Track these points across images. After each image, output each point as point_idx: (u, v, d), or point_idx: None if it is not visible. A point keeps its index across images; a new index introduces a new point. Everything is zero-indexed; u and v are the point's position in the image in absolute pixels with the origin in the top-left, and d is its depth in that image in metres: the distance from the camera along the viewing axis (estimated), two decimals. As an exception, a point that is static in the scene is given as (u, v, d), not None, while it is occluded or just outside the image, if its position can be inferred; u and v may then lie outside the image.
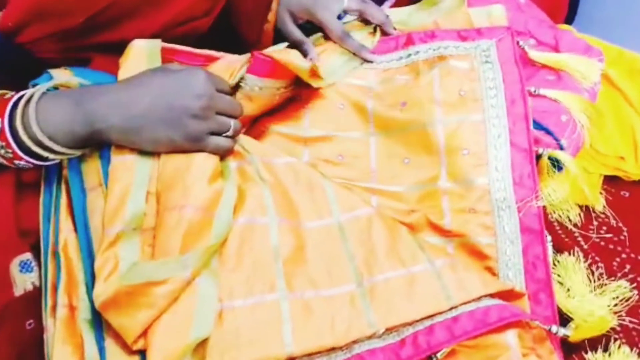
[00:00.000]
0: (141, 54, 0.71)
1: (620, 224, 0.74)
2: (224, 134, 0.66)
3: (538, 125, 0.74)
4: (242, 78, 0.72)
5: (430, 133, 0.74)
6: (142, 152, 0.65)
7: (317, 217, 0.66)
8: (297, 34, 0.82)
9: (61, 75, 0.68)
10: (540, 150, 0.72)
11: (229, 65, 0.74)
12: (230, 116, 0.67)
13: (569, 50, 0.81)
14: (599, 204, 0.73)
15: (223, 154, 0.67)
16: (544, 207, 0.71)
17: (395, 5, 0.95)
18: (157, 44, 0.72)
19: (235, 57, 0.76)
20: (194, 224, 0.60)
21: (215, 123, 0.65)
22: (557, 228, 0.73)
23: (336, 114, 0.78)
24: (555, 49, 0.81)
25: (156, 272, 0.56)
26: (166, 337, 0.57)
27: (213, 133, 0.66)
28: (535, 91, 0.76)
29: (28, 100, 0.62)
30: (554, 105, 0.75)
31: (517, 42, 0.78)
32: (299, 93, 0.78)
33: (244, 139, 0.72)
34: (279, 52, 0.75)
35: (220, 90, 0.67)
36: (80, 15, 0.69)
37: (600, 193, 0.75)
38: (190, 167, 0.63)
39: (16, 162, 0.63)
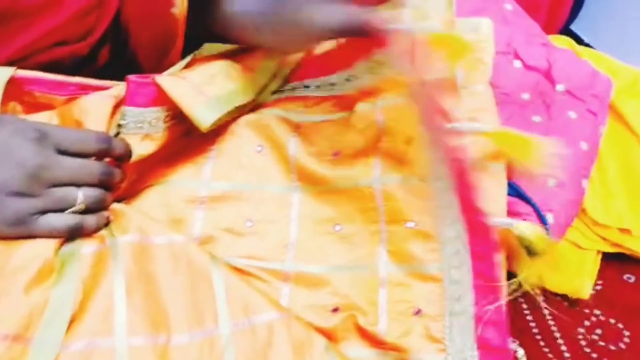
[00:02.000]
0: None
1: (621, 325, 0.55)
2: (69, 210, 0.48)
3: (514, 190, 0.54)
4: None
5: (365, 193, 0.55)
6: None
7: (196, 326, 0.47)
8: None
9: None
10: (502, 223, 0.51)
11: (106, 100, 0.55)
12: (81, 184, 0.48)
13: (566, 76, 0.60)
14: (585, 293, 0.54)
15: (68, 235, 0.48)
16: (513, 305, 0.52)
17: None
18: (6, 73, 0.53)
19: (120, 86, 0.57)
20: (-5, 360, 0.41)
21: (48, 199, 0.46)
22: (535, 331, 0.55)
23: (251, 159, 0.58)
24: (547, 75, 0.61)
25: None
26: None
27: (47, 210, 0.47)
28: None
29: None
30: (539, 162, 0.55)
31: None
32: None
33: (121, 207, 0.53)
34: (167, 78, 0.55)
35: (66, 150, 0.48)
36: None
37: (597, 283, 0.56)
38: (4, 267, 0.44)
39: None
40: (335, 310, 0.53)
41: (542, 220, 0.53)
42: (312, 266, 0.55)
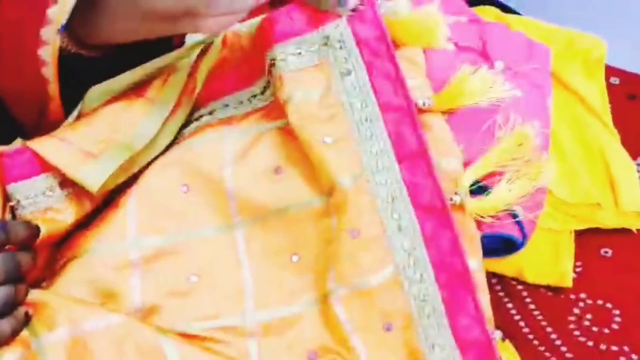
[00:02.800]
0: None
1: (609, 305, 0.52)
2: None
3: (479, 189, 0.49)
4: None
5: (319, 211, 0.49)
6: None
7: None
8: None
9: None
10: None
11: None
12: None
13: (503, 52, 0.56)
14: (568, 281, 0.51)
15: None
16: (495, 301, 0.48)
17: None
18: None
19: None
20: None
21: None
22: (525, 330, 0.51)
23: (177, 204, 0.51)
24: (483, 53, 0.56)
25: None
26: None
27: None
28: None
29: None
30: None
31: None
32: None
33: (41, 297, 0.45)
34: (42, 142, 0.48)
35: None
36: None
37: (576, 265, 0.53)
38: None
39: None
40: (313, 356, 0.47)
41: (513, 216, 0.49)
42: (277, 310, 0.48)
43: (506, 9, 0.66)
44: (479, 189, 0.48)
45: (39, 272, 0.48)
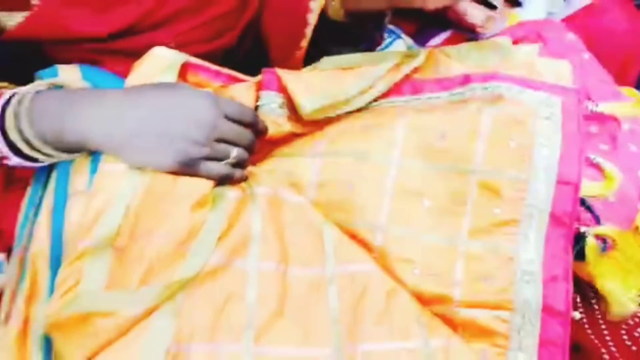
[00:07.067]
0: (158, 64, 0.66)
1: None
2: (224, 162, 0.61)
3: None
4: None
5: (461, 179, 0.64)
6: None
7: (308, 265, 0.59)
8: None
9: (68, 74, 0.65)
10: (583, 229, 0.62)
11: (249, 87, 0.69)
12: (235, 144, 0.62)
13: (631, 119, 0.71)
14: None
15: (219, 180, 0.61)
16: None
17: (448, 42, 0.88)
18: (180, 57, 0.67)
19: (256, 79, 0.71)
20: (163, 256, 0.54)
21: (212, 150, 0.60)
22: (589, 331, 0.63)
23: (354, 137, 0.68)
24: (615, 118, 0.72)
25: (101, 304, 0.52)
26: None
27: (209, 158, 0.61)
28: (594, 159, 0.66)
29: (21, 99, 0.59)
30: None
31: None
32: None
33: (253, 170, 0.66)
34: (285, 71, 0.68)
35: (229, 116, 0.62)
36: (104, 30, 0.68)
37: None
38: (174, 188, 0.58)
39: (5, 161, 0.60)
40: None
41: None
42: (399, 229, 0.63)
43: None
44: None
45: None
